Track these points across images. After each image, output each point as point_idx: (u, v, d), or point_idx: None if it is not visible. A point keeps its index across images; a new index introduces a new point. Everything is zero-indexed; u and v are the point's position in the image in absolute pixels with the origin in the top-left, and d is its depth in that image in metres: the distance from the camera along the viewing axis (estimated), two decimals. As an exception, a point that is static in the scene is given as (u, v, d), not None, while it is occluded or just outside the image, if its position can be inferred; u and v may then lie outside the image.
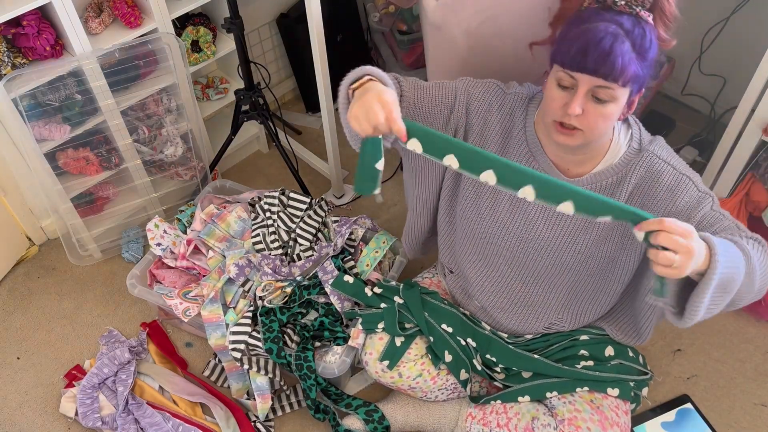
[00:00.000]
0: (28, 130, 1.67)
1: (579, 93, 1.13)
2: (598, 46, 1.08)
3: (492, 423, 1.46)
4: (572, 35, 1.12)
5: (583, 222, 1.33)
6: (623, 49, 1.08)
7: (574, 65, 1.11)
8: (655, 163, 1.27)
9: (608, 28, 1.09)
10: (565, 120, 1.17)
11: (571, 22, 1.16)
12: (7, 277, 2.03)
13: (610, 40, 1.08)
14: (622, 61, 1.08)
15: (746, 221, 1.85)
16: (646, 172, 1.27)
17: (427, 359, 1.51)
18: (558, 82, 1.16)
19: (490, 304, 1.53)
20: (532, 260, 1.42)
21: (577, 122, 1.16)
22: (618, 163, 1.28)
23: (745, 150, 1.73)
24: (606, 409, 1.38)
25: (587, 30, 1.10)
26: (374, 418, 1.62)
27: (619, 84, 1.11)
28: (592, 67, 1.09)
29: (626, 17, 1.11)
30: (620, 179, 1.28)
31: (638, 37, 1.10)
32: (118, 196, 2.05)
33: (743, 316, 1.86)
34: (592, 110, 1.15)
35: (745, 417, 1.67)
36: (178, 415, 1.68)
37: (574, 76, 1.13)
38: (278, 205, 1.85)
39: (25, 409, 1.74)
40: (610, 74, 1.09)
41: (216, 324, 1.67)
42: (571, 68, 1.12)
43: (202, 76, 2.22)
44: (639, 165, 1.28)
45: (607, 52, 1.08)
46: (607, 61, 1.08)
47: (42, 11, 1.59)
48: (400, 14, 2.41)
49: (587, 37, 1.09)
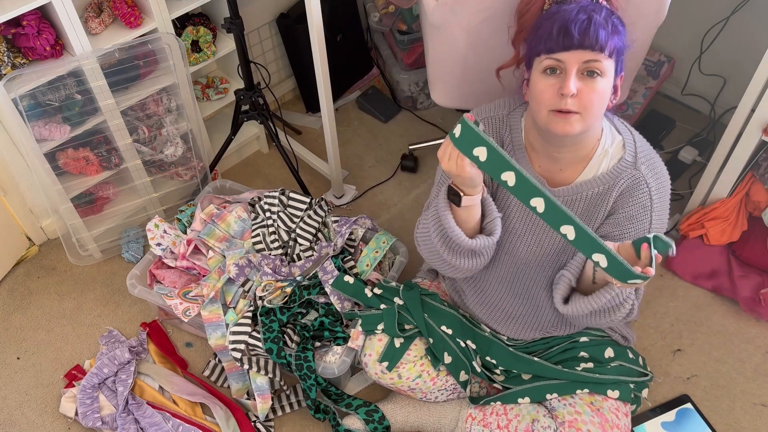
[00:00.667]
0: (28, 130, 1.67)
1: (570, 72, 1.14)
2: (576, 20, 1.12)
3: (492, 424, 1.46)
4: (547, 24, 1.15)
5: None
6: (599, 20, 1.12)
7: (559, 45, 1.13)
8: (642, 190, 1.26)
9: (577, 8, 1.13)
10: (562, 105, 1.16)
11: (538, 20, 1.19)
12: (7, 277, 2.03)
13: (585, 13, 1.12)
14: (603, 30, 1.11)
15: (746, 221, 1.86)
16: (630, 195, 1.27)
17: (426, 360, 1.51)
18: (545, 70, 1.17)
19: (485, 317, 1.54)
20: (522, 276, 1.42)
21: (573, 103, 1.16)
22: (606, 174, 1.27)
23: (745, 150, 1.73)
24: (606, 411, 1.38)
25: (559, 12, 1.14)
26: (374, 418, 1.62)
27: (605, 54, 1.13)
28: (577, 41, 1.12)
29: (590, 2, 1.16)
30: (606, 191, 1.28)
31: (605, 13, 1.14)
32: (118, 196, 2.05)
33: (743, 316, 1.86)
34: (585, 88, 1.15)
35: (745, 417, 1.67)
36: (178, 415, 1.68)
37: (561, 59, 1.14)
38: (278, 205, 1.85)
39: (25, 409, 1.74)
40: (596, 44, 1.11)
41: (216, 324, 1.67)
42: (557, 50, 1.14)
43: (202, 76, 2.22)
44: (627, 183, 1.27)
45: (587, 24, 1.11)
46: (589, 32, 1.11)
47: (42, 11, 1.59)
48: (400, 14, 2.41)
49: (563, 17, 1.13)
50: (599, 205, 1.29)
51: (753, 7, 2.00)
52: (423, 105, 2.51)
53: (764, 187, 1.78)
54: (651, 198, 1.26)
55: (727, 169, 1.80)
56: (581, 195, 1.29)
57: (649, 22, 1.54)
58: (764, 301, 1.80)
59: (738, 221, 1.85)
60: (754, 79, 1.64)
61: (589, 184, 1.28)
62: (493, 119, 1.37)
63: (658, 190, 1.28)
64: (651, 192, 1.26)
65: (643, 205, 1.27)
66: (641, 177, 1.26)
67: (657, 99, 2.42)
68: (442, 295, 1.63)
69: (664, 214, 1.30)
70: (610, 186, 1.27)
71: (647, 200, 1.26)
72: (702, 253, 1.90)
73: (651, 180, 1.27)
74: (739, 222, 1.85)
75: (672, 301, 1.90)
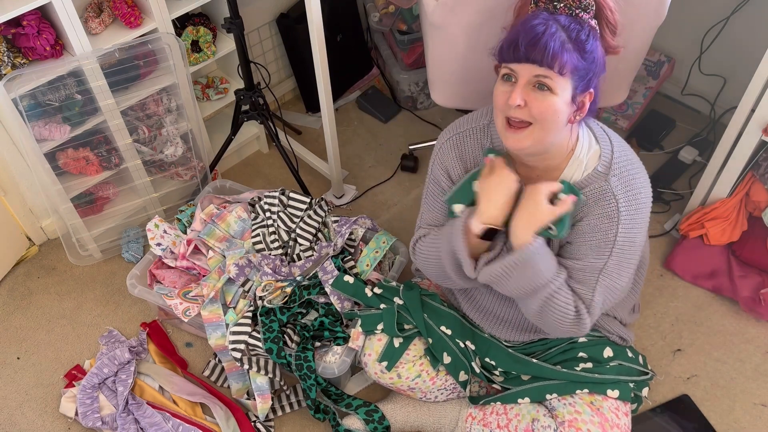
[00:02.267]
0: (28, 130, 1.67)
1: (519, 83, 1.15)
2: (529, 34, 1.11)
3: (492, 424, 1.46)
4: (512, 33, 1.15)
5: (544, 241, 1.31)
6: (555, 37, 1.11)
7: (509, 56, 1.14)
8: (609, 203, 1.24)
9: (541, 20, 1.12)
10: (510, 114, 1.17)
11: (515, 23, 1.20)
12: (7, 277, 2.03)
13: (542, 28, 1.11)
14: (554, 46, 1.10)
15: (746, 221, 1.86)
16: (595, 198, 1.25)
17: (425, 360, 1.51)
18: (502, 77, 1.18)
19: (478, 320, 1.55)
20: None
21: (522, 114, 1.16)
22: (577, 183, 1.26)
23: (745, 150, 1.73)
24: (606, 411, 1.38)
25: (522, 23, 1.14)
26: (374, 418, 1.62)
27: (555, 71, 1.12)
28: (523, 54, 1.12)
29: (564, 16, 1.14)
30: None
31: (573, 31, 1.13)
32: (118, 196, 2.05)
33: (743, 316, 1.86)
34: (534, 99, 1.15)
35: (745, 417, 1.67)
36: (178, 415, 1.68)
37: (513, 69, 1.15)
38: (278, 205, 1.85)
39: (25, 409, 1.74)
40: (542, 59, 1.11)
41: (216, 324, 1.67)
42: (507, 60, 1.15)
43: (202, 76, 2.22)
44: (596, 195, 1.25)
45: (537, 39, 1.11)
46: (537, 46, 1.10)
47: (42, 11, 1.59)
48: (400, 14, 2.41)
49: (521, 29, 1.13)
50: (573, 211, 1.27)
51: (753, 7, 2.00)
52: (423, 105, 2.51)
53: (764, 187, 1.78)
54: (618, 210, 1.23)
55: (727, 169, 1.80)
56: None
57: (649, 22, 1.54)
58: (764, 301, 1.80)
59: (738, 221, 1.85)
60: (754, 79, 1.64)
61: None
62: (473, 130, 1.37)
63: (628, 203, 1.24)
64: (618, 204, 1.23)
65: (608, 215, 1.23)
66: (609, 188, 1.23)
67: (657, 99, 2.42)
68: (441, 296, 1.63)
69: (635, 227, 1.25)
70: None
71: (614, 212, 1.23)
72: (702, 253, 1.90)
73: (620, 192, 1.23)
74: (739, 222, 1.85)
75: (672, 301, 1.90)
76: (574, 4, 1.14)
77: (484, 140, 1.36)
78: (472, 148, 1.38)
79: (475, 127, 1.37)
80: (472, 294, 1.55)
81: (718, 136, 1.85)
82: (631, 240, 1.25)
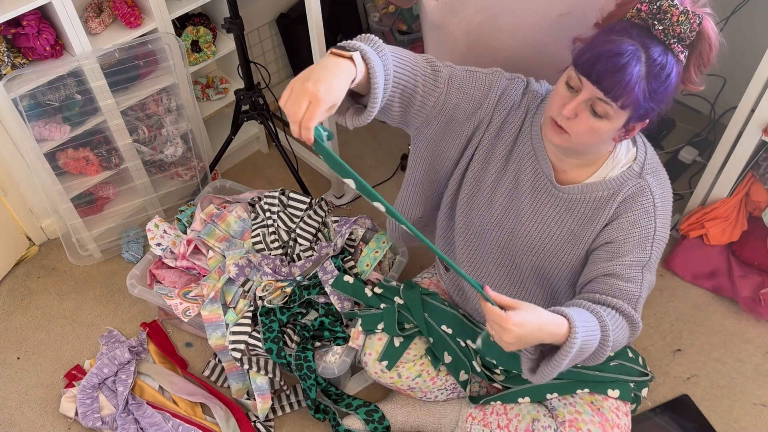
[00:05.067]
0: (28, 130, 1.67)
1: (579, 98, 1.12)
2: (610, 60, 1.06)
3: (492, 424, 1.46)
4: (597, 41, 1.10)
5: (570, 233, 1.32)
6: (633, 72, 1.06)
7: (583, 69, 1.10)
8: (645, 195, 1.26)
9: (630, 47, 1.06)
10: (558, 119, 1.16)
11: (606, 28, 1.14)
12: (7, 277, 2.03)
13: (625, 58, 1.05)
14: (628, 82, 1.06)
15: (746, 221, 1.86)
16: (632, 199, 1.26)
17: (426, 360, 1.51)
18: (567, 80, 1.15)
19: (478, 318, 1.54)
20: (519, 261, 1.42)
21: (566, 125, 1.15)
22: (613, 179, 1.27)
23: (745, 150, 1.73)
24: (606, 411, 1.38)
25: (611, 41, 1.08)
26: (374, 418, 1.62)
27: (618, 104, 1.09)
28: (595, 76, 1.08)
29: (656, 44, 1.07)
30: (610, 195, 1.28)
31: (657, 67, 1.07)
32: (118, 196, 2.05)
33: (743, 316, 1.86)
34: (584, 119, 1.13)
35: (745, 417, 1.67)
36: (178, 415, 1.68)
37: (581, 79, 1.12)
38: (278, 205, 1.85)
39: (25, 409, 1.74)
40: (610, 90, 1.07)
41: (216, 324, 1.67)
42: (579, 71, 1.11)
43: (202, 76, 2.22)
44: (632, 189, 1.26)
45: (615, 69, 1.06)
46: (612, 78, 1.06)
47: (42, 11, 1.59)
48: (400, 14, 2.41)
49: (606, 47, 1.07)
50: (602, 209, 1.28)
51: (753, 7, 2.00)
52: (423, 105, 2.51)
53: (764, 187, 1.78)
54: (655, 205, 1.26)
55: (727, 169, 1.80)
56: (588, 196, 1.29)
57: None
58: (764, 301, 1.80)
59: (738, 221, 1.85)
60: (754, 79, 1.64)
61: (597, 186, 1.28)
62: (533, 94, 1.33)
63: (663, 198, 1.28)
64: (655, 199, 1.26)
65: (646, 210, 1.26)
66: (645, 185, 1.26)
67: (657, 99, 2.42)
68: (441, 295, 1.63)
69: (666, 224, 1.29)
70: (614, 191, 1.27)
71: (651, 206, 1.26)
72: (702, 253, 1.90)
73: (655, 189, 1.27)
74: (739, 222, 1.85)
75: (672, 301, 1.90)
76: (672, 33, 1.06)
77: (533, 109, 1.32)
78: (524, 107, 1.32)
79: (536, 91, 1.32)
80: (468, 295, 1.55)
81: (718, 136, 1.85)
82: (666, 235, 1.28)
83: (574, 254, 1.34)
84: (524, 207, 1.36)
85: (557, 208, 1.32)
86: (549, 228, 1.35)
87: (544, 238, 1.36)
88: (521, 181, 1.34)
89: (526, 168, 1.33)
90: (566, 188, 1.30)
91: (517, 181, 1.35)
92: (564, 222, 1.32)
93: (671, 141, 2.31)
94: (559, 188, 1.30)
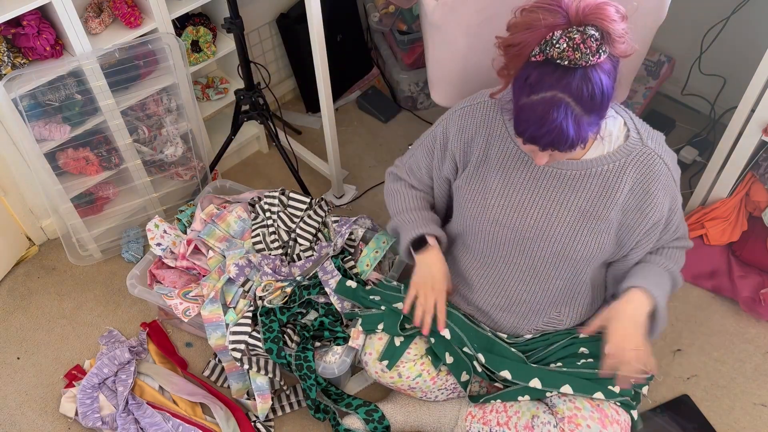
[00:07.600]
0: (28, 130, 1.67)
1: (541, 154, 1.22)
2: (541, 127, 1.11)
3: (492, 422, 1.46)
4: (522, 110, 1.14)
5: (580, 212, 1.35)
6: (568, 121, 1.10)
7: (526, 141, 1.17)
8: (656, 163, 1.31)
9: (553, 100, 1.09)
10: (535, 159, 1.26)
11: (520, 87, 1.14)
12: (7, 277, 2.03)
13: (553, 116, 1.09)
14: (573, 132, 1.11)
15: (746, 221, 1.86)
16: (648, 171, 1.30)
17: (426, 359, 1.51)
18: None
19: (488, 305, 1.53)
20: (531, 254, 1.42)
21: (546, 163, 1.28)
22: (616, 151, 1.31)
23: (745, 150, 1.73)
24: (606, 407, 1.38)
25: (532, 106, 1.11)
26: (374, 417, 1.62)
27: (572, 150, 1.16)
28: (540, 144, 1.15)
29: (573, 74, 1.08)
30: (620, 168, 1.31)
31: (586, 95, 1.09)
32: (118, 196, 2.05)
33: (743, 316, 1.86)
34: (556, 155, 1.23)
35: (745, 417, 1.67)
36: (178, 415, 1.68)
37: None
38: (278, 205, 1.85)
39: (25, 409, 1.74)
40: (558, 146, 1.14)
41: (216, 324, 1.67)
42: (524, 142, 1.18)
43: (202, 76, 2.22)
44: (640, 160, 1.30)
45: (550, 131, 1.11)
46: (552, 137, 1.12)
47: (42, 11, 1.59)
48: (400, 14, 2.41)
49: (531, 115, 1.12)
50: (614, 182, 1.31)
51: (753, 7, 2.00)
52: (423, 105, 2.52)
53: (764, 187, 1.78)
54: (668, 166, 1.32)
55: (727, 169, 1.80)
56: (593, 171, 1.31)
57: (649, 22, 1.54)
58: (764, 301, 1.80)
59: (738, 221, 1.85)
60: (754, 79, 1.64)
61: (600, 161, 1.31)
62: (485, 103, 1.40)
63: (671, 158, 1.34)
64: (665, 161, 1.32)
65: (664, 174, 1.32)
66: (652, 152, 1.31)
67: (657, 99, 2.42)
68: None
69: (678, 169, 1.37)
70: (622, 163, 1.30)
71: (665, 168, 1.31)
72: (702, 253, 1.90)
73: (661, 152, 1.32)
74: (739, 222, 1.85)
75: (672, 301, 1.90)
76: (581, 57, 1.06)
77: (495, 113, 1.39)
78: (478, 120, 1.40)
79: (487, 101, 1.40)
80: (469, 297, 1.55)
81: (718, 136, 1.85)
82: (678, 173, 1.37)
83: (591, 232, 1.36)
84: (522, 200, 1.38)
85: (559, 188, 1.35)
86: (556, 212, 1.37)
87: (554, 225, 1.36)
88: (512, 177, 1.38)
89: (516, 164, 1.37)
90: (568, 163, 1.33)
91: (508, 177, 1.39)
92: (569, 202, 1.35)
93: (671, 141, 2.29)
94: (560, 165, 1.33)
